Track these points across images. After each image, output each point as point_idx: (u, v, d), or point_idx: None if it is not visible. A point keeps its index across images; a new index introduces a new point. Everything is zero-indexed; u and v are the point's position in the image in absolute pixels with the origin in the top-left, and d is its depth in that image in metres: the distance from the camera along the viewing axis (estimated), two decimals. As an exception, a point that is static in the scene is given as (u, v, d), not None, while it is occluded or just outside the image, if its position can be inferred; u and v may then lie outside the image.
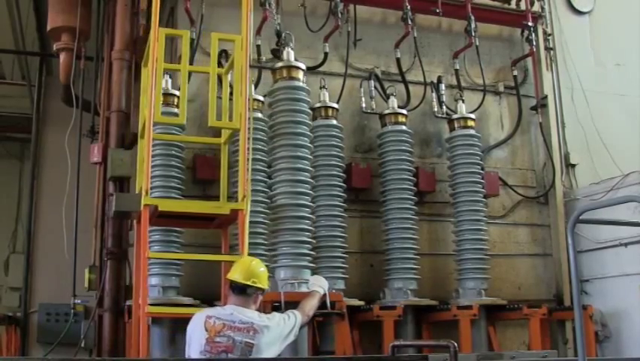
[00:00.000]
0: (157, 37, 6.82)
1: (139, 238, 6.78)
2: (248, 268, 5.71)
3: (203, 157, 8.47)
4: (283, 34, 8.51)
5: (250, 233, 6.89)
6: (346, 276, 8.06)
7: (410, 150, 8.89)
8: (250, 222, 6.92)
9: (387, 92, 9.08)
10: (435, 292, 8.82)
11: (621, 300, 8.96)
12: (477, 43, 9.75)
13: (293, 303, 7.07)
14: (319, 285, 6.68)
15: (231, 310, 5.48)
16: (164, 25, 9.39)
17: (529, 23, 10.20)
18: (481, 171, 9.15)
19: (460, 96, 9.43)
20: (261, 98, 8.40)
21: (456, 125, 9.23)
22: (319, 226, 8.09)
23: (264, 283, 5.70)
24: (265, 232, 7.87)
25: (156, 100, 6.76)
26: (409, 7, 9.34)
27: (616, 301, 9.04)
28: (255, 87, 8.50)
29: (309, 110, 8.22)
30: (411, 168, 8.82)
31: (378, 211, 8.76)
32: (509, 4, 10.36)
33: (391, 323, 7.78)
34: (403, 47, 9.49)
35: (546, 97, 10.26)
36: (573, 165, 10.23)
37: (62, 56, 10.01)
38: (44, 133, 12.73)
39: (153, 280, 7.70)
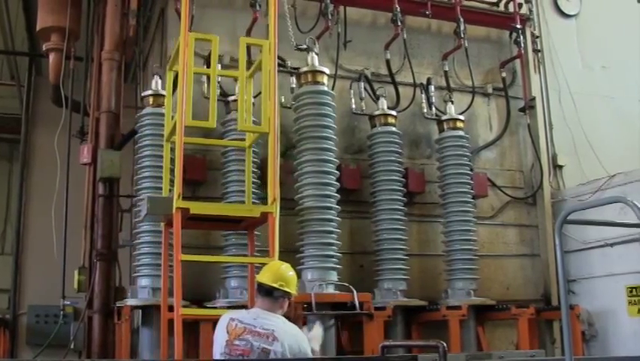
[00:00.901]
0: (187, 42, 6.82)
1: (164, 239, 7.07)
2: (277, 271, 5.56)
3: (193, 158, 8.45)
4: (307, 40, 8.60)
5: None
6: (338, 276, 8.08)
7: (400, 150, 8.94)
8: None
9: (377, 93, 9.11)
10: (424, 292, 8.86)
11: (608, 300, 9.03)
12: (466, 45, 9.80)
13: (323, 304, 7.39)
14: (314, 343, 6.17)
15: (256, 315, 5.36)
16: (155, 25, 9.43)
17: (518, 26, 10.27)
18: (470, 172, 9.20)
19: (450, 97, 9.47)
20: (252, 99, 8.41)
21: (445, 126, 9.28)
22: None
23: (291, 288, 5.50)
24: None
25: (187, 104, 6.73)
26: (398, 9, 9.39)
27: (602, 301, 9.11)
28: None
29: (333, 114, 8.33)
30: (400, 169, 8.86)
31: (368, 212, 8.79)
32: (498, 6, 10.45)
33: (381, 324, 7.81)
34: (392, 49, 9.52)
35: (534, 99, 10.33)
36: (560, 167, 10.30)
37: (52, 56, 10.02)
38: (33, 134, 12.71)
39: (143, 282, 7.72)
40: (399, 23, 9.39)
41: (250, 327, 5.27)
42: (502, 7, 10.46)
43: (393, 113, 9.07)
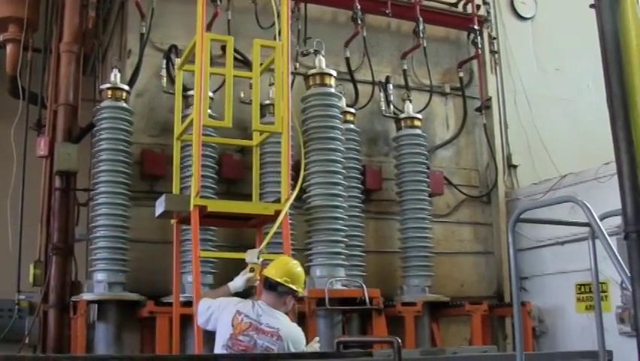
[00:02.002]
0: (203, 42, 6.87)
1: (177, 236, 7.30)
2: (284, 266, 5.48)
3: (151, 152, 8.45)
4: (314, 42, 8.75)
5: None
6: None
7: (358, 148, 9.02)
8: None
9: (336, 90, 9.16)
10: (380, 288, 8.93)
11: (558, 297, 9.23)
12: (425, 45, 9.92)
13: (335, 300, 7.69)
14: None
15: (262, 311, 5.29)
16: (115, 18, 9.36)
17: (476, 27, 10.43)
18: (427, 170, 9.32)
19: (408, 96, 9.58)
20: (210, 94, 8.39)
21: (403, 124, 9.39)
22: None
23: (298, 285, 5.41)
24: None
25: (204, 104, 6.81)
26: (359, 7, 9.47)
27: (553, 298, 9.31)
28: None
29: (340, 115, 8.52)
30: (358, 167, 8.95)
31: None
32: (456, 7, 10.59)
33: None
34: (352, 47, 9.60)
35: (490, 99, 10.50)
36: (515, 166, 10.47)
37: (9, 47, 9.88)
38: (-11, 125, 12.49)
39: (99, 276, 7.69)
40: (359, 21, 9.48)
41: (255, 323, 5.22)
42: (460, 8, 10.61)
43: (352, 110, 9.14)
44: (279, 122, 7.07)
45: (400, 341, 4.35)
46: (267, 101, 8.41)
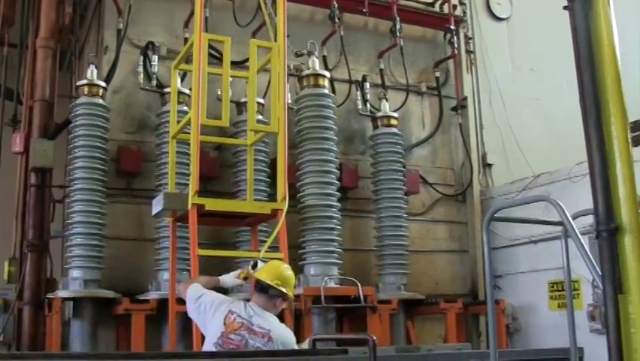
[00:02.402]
0: (201, 42, 6.91)
1: (173, 234, 7.26)
2: (275, 270, 5.52)
3: (128, 149, 8.43)
4: (308, 44, 8.81)
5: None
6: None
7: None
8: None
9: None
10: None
11: (531, 295, 9.33)
12: (401, 44, 9.98)
13: (330, 298, 7.78)
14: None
15: (253, 312, 5.33)
16: (92, 14, 9.31)
17: (452, 27, 10.51)
18: (403, 169, 9.37)
19: (384, 95, 9.63)
20: (187, 91, 8.42)
21: (379, 123, 9.44)
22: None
23: (288, 288, 5.44)
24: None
25: (203, 103, 6.86)
26: (336, 6, 9.51)
27: (526, 296, 9.42)
28: (182, 80, 8.50)
29: (334, 116, 8.61)
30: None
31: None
32: (433, 7, 10.65)
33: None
34: (329, 45, 9.64)
35: (466, 98, 10.59)
36: (490, 165, 10.56)
37: (-16, 43, 9.78)
38: (-36, 121, 12.36)
39: (75, 273, 7.66)
40: (336, 20, 9.51)
41: (247, 323, 5.26)
42: (437, 8, 10.68)
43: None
44: (274, 122, 7.16)
45: (375, 338, 4.38)
46: (244, 99, 8.43)
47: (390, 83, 10.16)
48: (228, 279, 5.98)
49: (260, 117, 8.38)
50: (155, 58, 8.58)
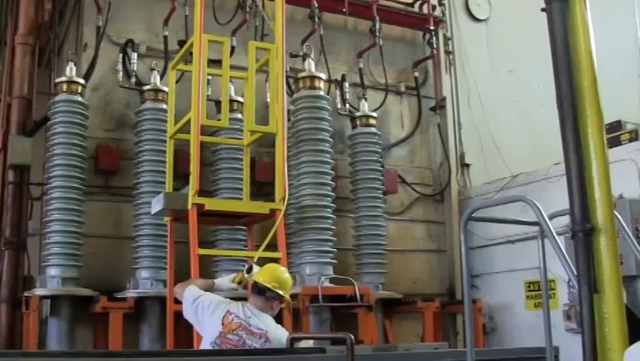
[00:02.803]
0: (201, 43, 6.96)
1: (171, 233, 7.33)
2: (273, 272, 5.58)
3: (106, 147, 8.40)
4: (304, 46, 8.93)
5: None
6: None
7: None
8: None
9: (293, 88, 9.22)
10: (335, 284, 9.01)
11: (507, 294, 9.41)
12: (381, 44, 10.02)
13: (325, 297, 7.88)
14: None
15: (250, 313, 5.40)
16: (71, 11, 9.26)
17: (431, 27, 10.57)
18: (381, 169, 9.41)
19: (363, 95, 9.66)
20: (166, 89, 8.40)
21: (358, 122, 9.46)
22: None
23: (285, 291, 5.51)
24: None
25: (202, 104, 6.95)
26: (316, 5, 9.52)
27: (503, 296, 9.49)
28: (161, 78, 8.50)
29: (329, 118, 8.72)
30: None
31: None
32: (413, 7, 10.70)
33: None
34: (309, 44, 9.63)
35: (444, 99, 10.65)
36: (468, 165, 10.62)
37: (-39, 39, 9.68)
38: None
39: (52, 271, 7.62)
40: (316, 19, 9.52)
41: (245, 324, 5.34)
42: (416, 9, 10.74)
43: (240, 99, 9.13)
44: (273, 123, 7.25)
45: (352, 337, 4.40)
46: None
47: (370, 82, 10.19)
48: (223, 283, 6.07)
49: (239, 116, 8.38)
50: (134, 56, 8.56)
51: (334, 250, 8.41)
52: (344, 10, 9.80)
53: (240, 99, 8.61)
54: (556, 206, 4.17)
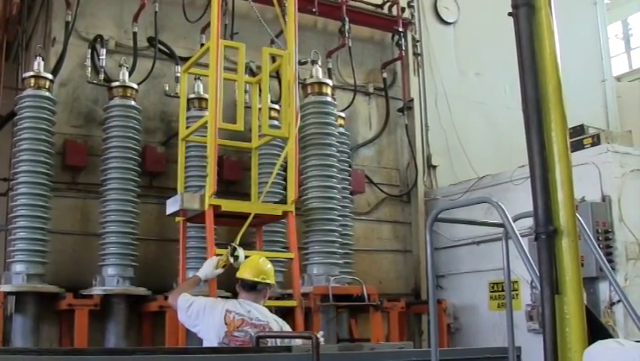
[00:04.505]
0: (218, 48, 7.26)
1: (184, 234, 7.67)
2: (256, 266, 5.82)
3: (74, 143, 8.35)
4: (311, 53, 9.10)
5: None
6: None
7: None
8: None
9: (261, 87, 9.21)
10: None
11: (472, 295, 9.52)
12: (350, 45, 10.07)
13: (335, 296, 8.11)
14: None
15: (249, 308, 5.62)
16: (40, 5, 9.18)
17: (400, 29, 10.65)
18: (349, 169, 9.45)
19: (332, 95, 9.68)
20: (135, 86, 8.38)
21: (328, 123, 9.50)
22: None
23: (272, 279, 5.83)
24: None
25: (219, 107, 7.17)
26: (286, 5, 9.51)
27: (468, 296, 9.59)
28: (130, 75, 8.47)
29: (336, 123, 8.93)
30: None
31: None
32: (382, 9, 10.77)
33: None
34: (316, 51, 9.61)
35: (412, 100, 10.74)
36: (434, 167, 10.72)
37: None
38: None
39: (18, 267, 7.54)
40: (286, 19, 9.51)
41: (247, 319, 5.53)
42: (386, 10, 10.79)
43: (277, 107, 9.19)
44: (285, 127, 7.62)
45: (317, 336, 4.44)
46: (191, 95, 8.63)
47: (338, 82, 10.22)
48: (208, 272, 6.30)
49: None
50: (103, 51, 8.52)
51: (340, 251, 8.64)
52: (314, 10, 9.82)
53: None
54: (521, 208, 4.23)
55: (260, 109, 8.04)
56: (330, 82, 9.15)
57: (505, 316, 4.57)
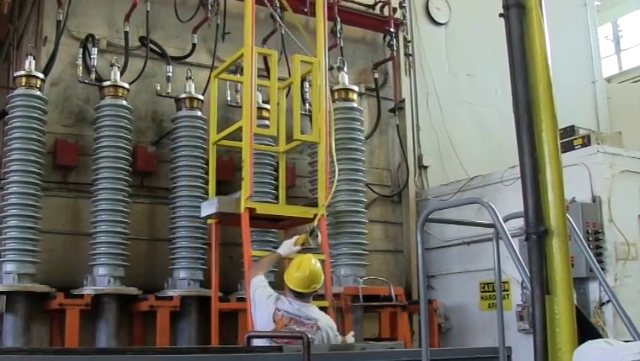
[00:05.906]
0: (252, 55, 7.61)
1: (216, 235, 7.91)
2: (308, 277, 5.88)
3: (65, 143, 8.33)
4: (338, 59, 9.45)
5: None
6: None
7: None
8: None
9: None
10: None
11: (463, 295, 9.54)
12: (341, 45, 10.07)
13: (368, 297, 8.55)
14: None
15: (298, 306, 5.82)
16: (31, 4, 9.16)
17: (392, 29, 10.66)
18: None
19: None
20: (126, 85, 8.37)
21: (320, 123, 9.53)
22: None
23: (319, 283, 5.98)
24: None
25: (254, 113, 7.56)
26: (278, 5, 9.53)
27: (458, 296, 9.62)
28: (121, 74, 8.46)
29: (362, 128, 9.27)
30: (273, 163, 9.01)
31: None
32: (374, 9, 10.78)
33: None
34: (270, 44, 9.64)
35: (404, 100, 10.75)
36: (425, 167, 10.74)
37: None
38: None
39: (8, 267, 7.52)
40: (278, 19, 9.54)
41: (295, 317, 5.78)
42: (377, 11, 10.81)
43: (267, 106, 9.19)
44: (316, 132, 7.96)
45: (309, 336, 4.46)
46: (183, 95, 8.70)
47: (330, 83, 10.18)
48: (287, 248, 6.64)
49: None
50: (94, 51, 8.49)
51: (366, 252, 8.93)
52: (305, 10, 9.81)
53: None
54: (511, 208, 4.25)
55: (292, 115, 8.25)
56: (356, 88, 9.45)
57: (495, 316, 4.59)
